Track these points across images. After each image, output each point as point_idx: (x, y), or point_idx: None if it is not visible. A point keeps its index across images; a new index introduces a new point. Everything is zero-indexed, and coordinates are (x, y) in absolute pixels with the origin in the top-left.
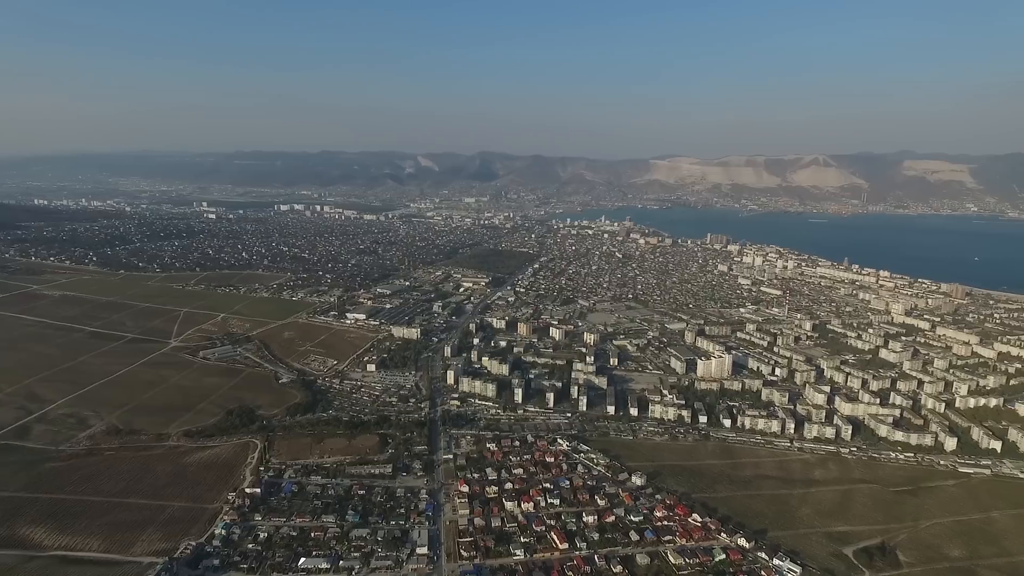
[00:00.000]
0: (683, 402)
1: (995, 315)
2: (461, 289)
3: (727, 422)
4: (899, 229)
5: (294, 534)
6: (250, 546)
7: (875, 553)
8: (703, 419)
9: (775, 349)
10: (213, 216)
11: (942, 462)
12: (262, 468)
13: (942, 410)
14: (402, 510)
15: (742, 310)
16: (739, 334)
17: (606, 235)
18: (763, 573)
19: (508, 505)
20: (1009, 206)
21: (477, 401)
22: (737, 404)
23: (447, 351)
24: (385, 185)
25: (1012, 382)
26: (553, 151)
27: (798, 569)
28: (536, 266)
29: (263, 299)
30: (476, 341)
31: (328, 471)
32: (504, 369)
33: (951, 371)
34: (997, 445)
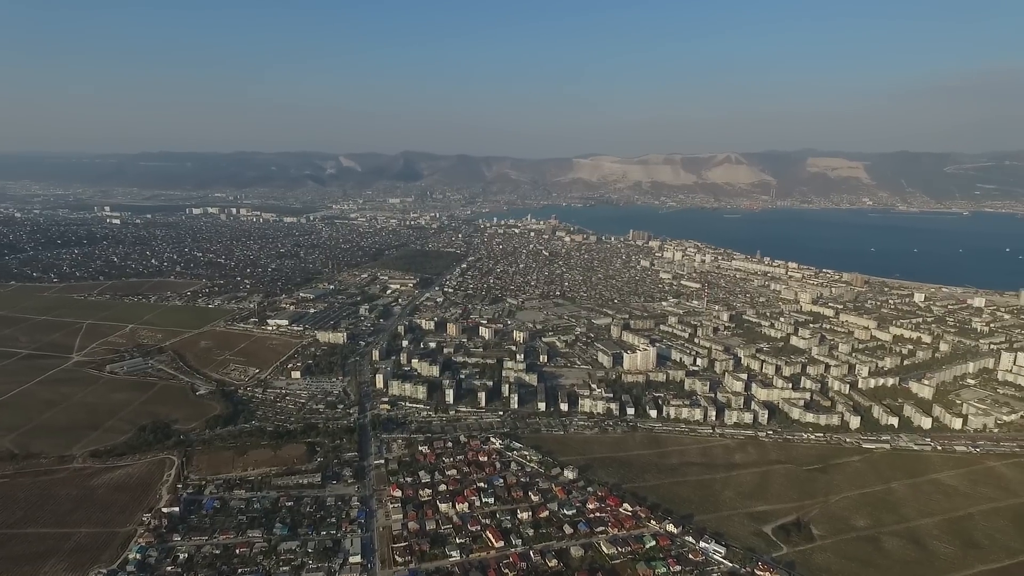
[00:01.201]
0: (611, 395)
1: (890, 301)
2: (388, 291)
3: (653, 412)
4: (805, 223)
5: (217, 552)
6: (169, 568)
7: (791, 529)
8: (631, 411)
9: (696, 340)
10: (117, 221)
11: (848, 440)
12: (180, 485)
13: (847, 391)
14: (333, 519)
15: (664, 304)
16: (662, 327)
17: (532, 234)
18: (691, 556)
19: (442, 507)
20: (899, 200)
21: (408, 404)
22: (662, 395)
23: (375, 354)
24: (305, 186)
25: (906, 362)
26: (478, 151)
27: (723, 549)
28: (464, 266)
29: (176, 308)
30: (405, 343)
31: (253, 484)
32: (434, 370)
33: (854, 354)
34: (895, 421)
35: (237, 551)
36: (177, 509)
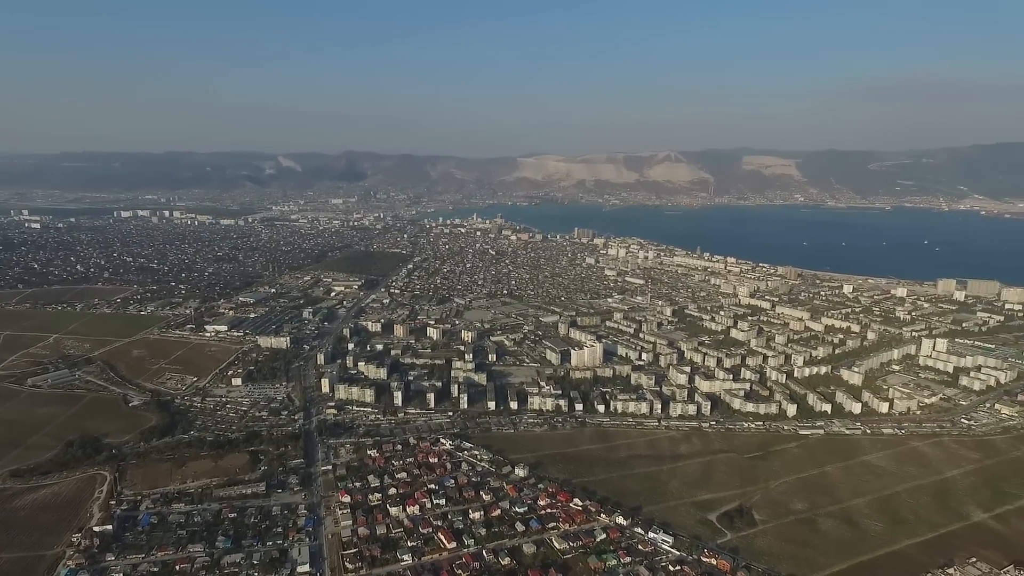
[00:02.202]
0: (560, 392)
1: (821, 293)
2: (332, 293)
3: (601, 408)
4: (741, 219)
5: (155, 570)
6: None
7: (734, 516)
8: (579, 407)
9: (641, 335)
10: (37, 225)
11: (785, 427)
12: (113, 502)
13: (783, 380)
14: (279, 529)
15: (609, 300)
16: (608, 323)
17: (478, 233)
18: (640, 547)
19: (393, 510)
20: (828, 196)
21: (355, 408)
22: (609, 390)
23: (320, 359)
24: (243, 187)
25: (837, 351)
26: (422, 150)
27: (670, 539)
28: (410, 266)
29: (105, 315)
30: (351, 346)
31: (193, 496)
32: (382, 373)
33: (789, 345)
34: (828, 407)
35: (177, 567)
36: (110, 527)
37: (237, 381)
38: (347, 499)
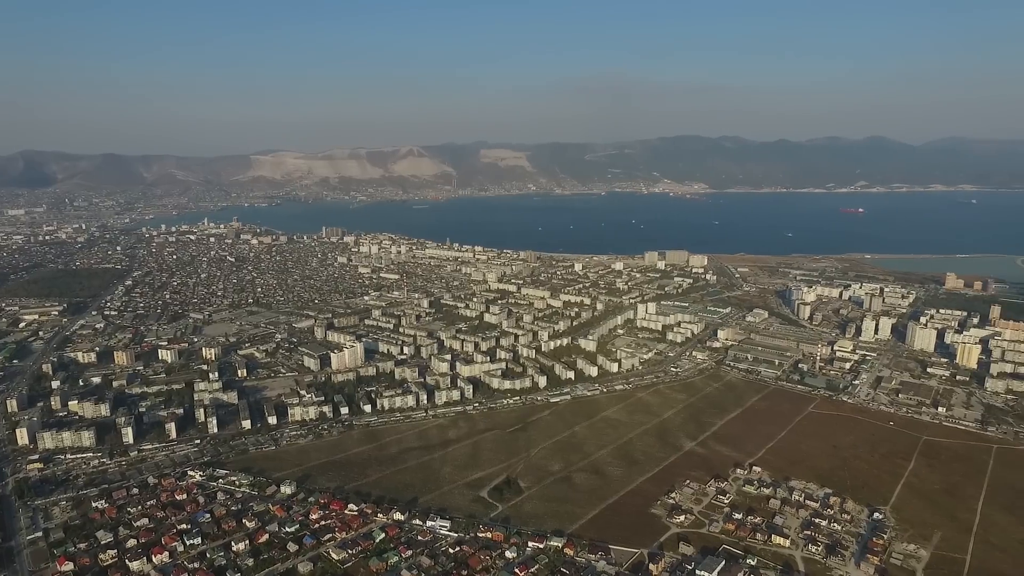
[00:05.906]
0: (323, 398)
1: (558, 272)
2: (21, 325)
3: (368, 407)
4: (484, 208)
5: None
6: None
7: (503, 488)
8: (345, 410)
9: (401, 329)
10: None
11: (539, 398)
12: None
13: (534, 356)
14: None
15: (366, 298)
16: (367, 321)
17: (212, 239)
18: (420, 537)
19: (134, 565)
20: (555, 184)
21: (70, 456)
22: (374, 388)
23: (12, 405)
24: None
25: (575, 323)
26: (130, 149)
27: (448, 523)
28: (128, 283)
29: None
30: (56, 384)
31: None
32: (103, 409)
33: (535, 323)
34: (571, 374)
35: None
36: None
37: None
38: (69, 566)
